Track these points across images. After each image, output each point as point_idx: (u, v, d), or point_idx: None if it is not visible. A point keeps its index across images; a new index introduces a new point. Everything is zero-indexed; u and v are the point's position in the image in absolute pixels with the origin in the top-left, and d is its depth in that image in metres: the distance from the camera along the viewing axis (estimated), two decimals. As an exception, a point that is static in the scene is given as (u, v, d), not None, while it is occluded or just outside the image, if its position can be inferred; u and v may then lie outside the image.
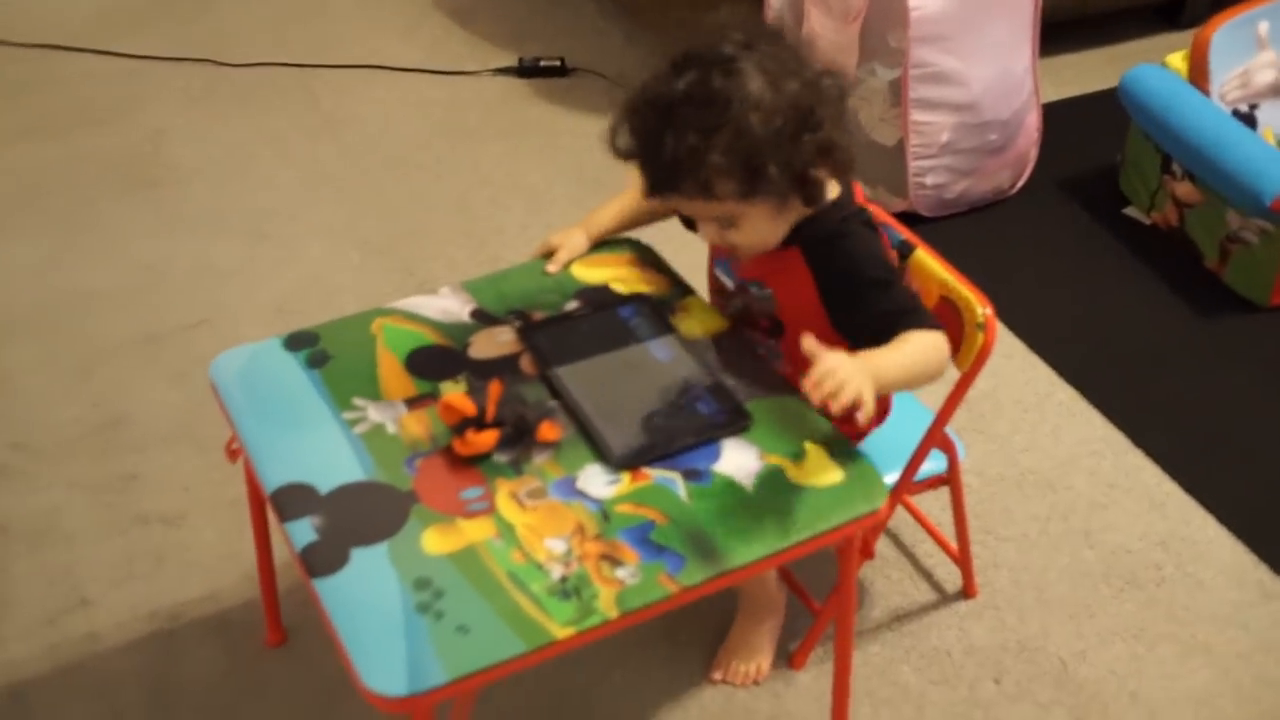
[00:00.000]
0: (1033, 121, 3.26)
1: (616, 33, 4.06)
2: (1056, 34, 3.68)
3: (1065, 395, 2.76)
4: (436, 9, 4.21)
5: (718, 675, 2.19)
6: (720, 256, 2.01)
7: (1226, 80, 3.11)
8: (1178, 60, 3.18)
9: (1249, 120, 3.12)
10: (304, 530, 1.65)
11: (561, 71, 3.85)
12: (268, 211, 3.32)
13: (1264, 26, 3.12)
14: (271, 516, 1.75)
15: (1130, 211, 3.29)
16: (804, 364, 1.67)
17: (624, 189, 2.08)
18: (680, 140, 1.71)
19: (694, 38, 1.78)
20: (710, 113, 1.71)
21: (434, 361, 1.91)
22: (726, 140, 1.71)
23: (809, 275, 1.86)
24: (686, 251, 2.13)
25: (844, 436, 1.78)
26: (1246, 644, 2.27)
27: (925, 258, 2.01)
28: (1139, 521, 2.49)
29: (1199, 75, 3.11)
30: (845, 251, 1.84)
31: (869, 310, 1.81)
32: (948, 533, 2.34)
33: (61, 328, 2.94)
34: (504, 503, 1.68)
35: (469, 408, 1.74)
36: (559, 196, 3.30)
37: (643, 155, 1.78)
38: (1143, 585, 2.37)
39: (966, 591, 2.34)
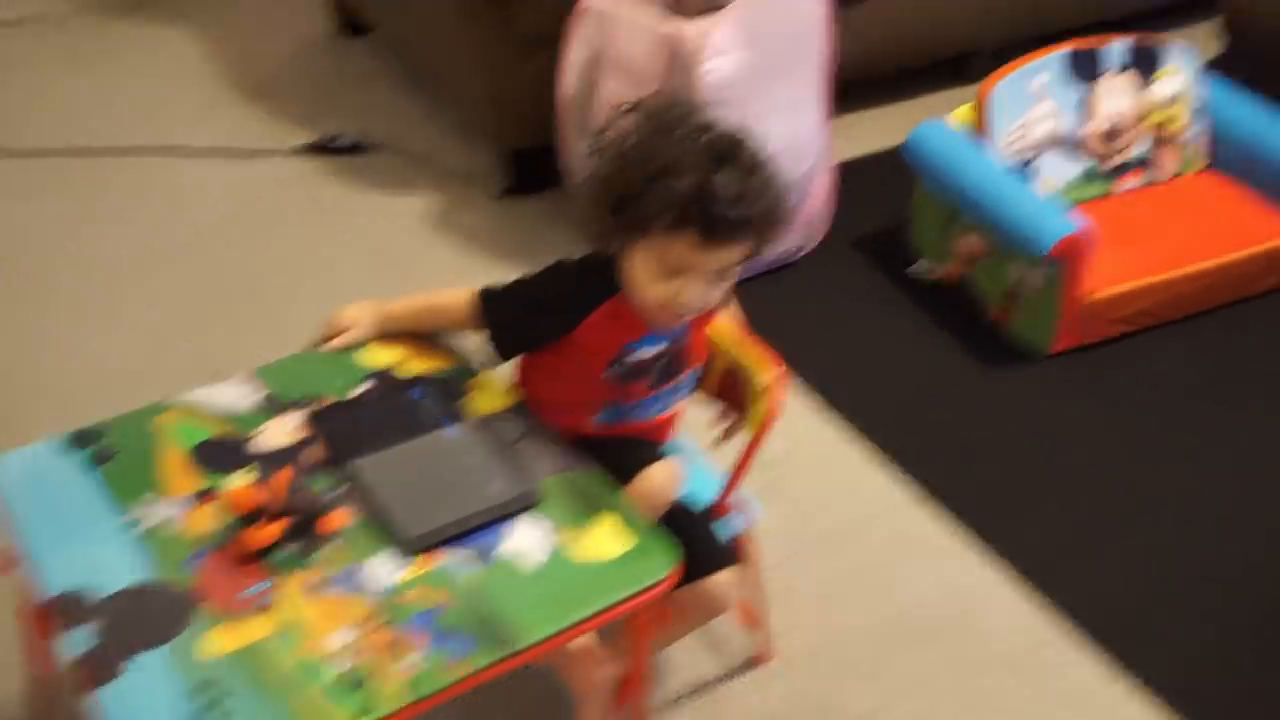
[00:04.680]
0: (821, 184, 3.32)
1: (416, 109, 4.07)
2: (853, 92, 3.74)
3: (859, 452, 2.80)
4: (233, 88, 4.18)
5: None
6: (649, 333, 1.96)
7: (1009, 133, 3.20)
8: (966, 113, 3.26)
9: (1031, 172, 3.21)
10: (80, 639, 1.60)
11: (359, 149, 3.85)
12: (54, 306, 3.24)
13: (1041, 79, 3.22)
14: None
15: (919, 267, 3.35)
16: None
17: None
18: (746, 181, 1.76)
19: None
20: (748, 153, 1.79)
21: (221, 454, 1.88)
22: (773, 184, 1.79)
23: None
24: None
25: (634, 510, 1.80)
26: (1033, 689, 2.31)
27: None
28: (931, 574, 2.53)
29: (983, 128, 3.19)
30: None
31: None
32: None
33: None
34: (290, 596, 1.66)
35: (255, 499, 1.72)
36: (354, 276, 3.27)
37: (696, 203, 1.75)
38: (935, 637, 2.41)
39: (764, 656, 2.35)
